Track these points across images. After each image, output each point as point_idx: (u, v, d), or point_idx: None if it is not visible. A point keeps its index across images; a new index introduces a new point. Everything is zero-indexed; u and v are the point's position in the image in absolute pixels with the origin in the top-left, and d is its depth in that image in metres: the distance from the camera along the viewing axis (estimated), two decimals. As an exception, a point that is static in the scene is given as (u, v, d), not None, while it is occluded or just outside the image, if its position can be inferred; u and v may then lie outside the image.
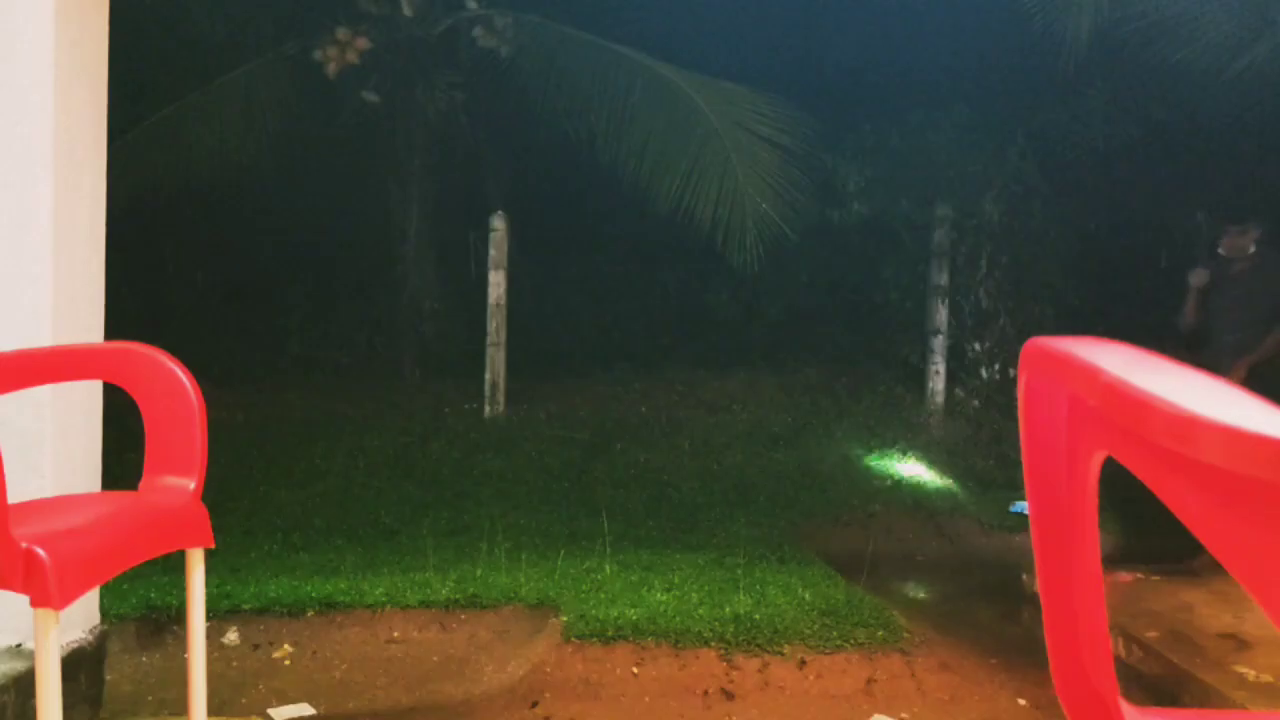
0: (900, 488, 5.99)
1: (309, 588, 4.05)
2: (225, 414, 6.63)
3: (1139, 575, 4.40)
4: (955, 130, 7.60)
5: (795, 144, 7.19)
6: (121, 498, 2.35)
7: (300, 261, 9.08)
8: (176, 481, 2.28)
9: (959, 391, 7.07)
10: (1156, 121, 6.92)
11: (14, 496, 1.94)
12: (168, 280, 9.44)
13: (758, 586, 4.05)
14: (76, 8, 2.72)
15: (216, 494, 2.59)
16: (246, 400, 7.08)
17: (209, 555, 2.39)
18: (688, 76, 7.47)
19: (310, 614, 3.81)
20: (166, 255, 9.38)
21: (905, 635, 3.63)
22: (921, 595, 4.32)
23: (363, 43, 7.96)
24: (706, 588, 4.04)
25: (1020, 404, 1.11)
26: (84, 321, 2.76)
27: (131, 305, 7.10)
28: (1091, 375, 0.87)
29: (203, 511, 2.31)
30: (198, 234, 9.31)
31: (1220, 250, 5.48)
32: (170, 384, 2.28)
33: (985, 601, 4.39)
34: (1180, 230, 7.60)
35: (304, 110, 8.31)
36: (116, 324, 2.94)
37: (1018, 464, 1.14)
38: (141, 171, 7.29)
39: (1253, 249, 5.40)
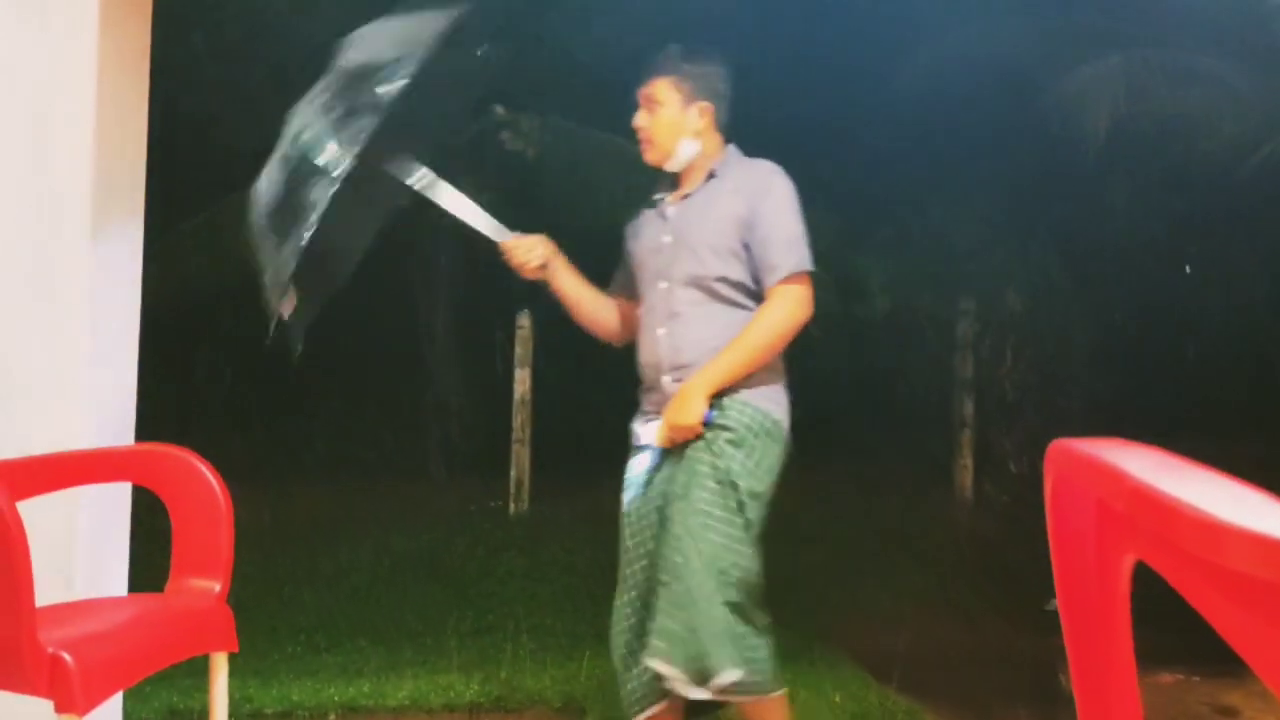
0: (931, 586, 5.89)
1: (332, 690, 4.01)
2: (253, 512, 6.63)
3: (1179, 676, 4.28)
4: (976, 224, 7.66)
5: (817, 239, 7.25)
6: (148, 600, 2.35)
7: (329, 360, 9.18)
8: (202, 584, 2.29)
9: (988, 486, 7.00)
10: (1177, 214, 6.95)
11: (42, 600, 1.95)
12: (200, 378, 9.56)
13: (788, 687, 3.96)
14: (115, 111, 2.82)
15: (241, 593, 2.59)
16: (273, 498, 7.09)
17: (232, 657, 2.38)
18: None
19: (333, 717, 3.77)
20: (199, 355, 9.52)
21: (940, 739, 3.53)
22: (955, 697, 4.20)
23: (392, 147, 8.16)
24: (735, 689, 3.95)
25: (1048, 505, 1.10)
26: (115, 425, 2.80)
27: (162, 402, 7.18)
28: (1118, 480, 0.87)
29: (228, 614, 2.31)
30: (230, 333, 9.44)
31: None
32: (199, 487, 2.30)
33: (1020, 703, 4.27)
34: (1205, 322, 7.58)
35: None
36: (146, 421, 2.98)
37: (1050, 561, 1.12)
38: (177, 273, 7.44)
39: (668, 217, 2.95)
